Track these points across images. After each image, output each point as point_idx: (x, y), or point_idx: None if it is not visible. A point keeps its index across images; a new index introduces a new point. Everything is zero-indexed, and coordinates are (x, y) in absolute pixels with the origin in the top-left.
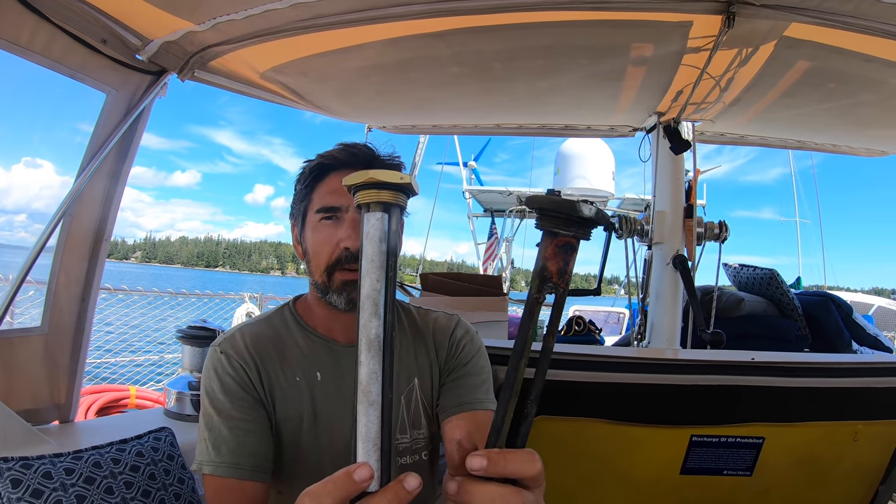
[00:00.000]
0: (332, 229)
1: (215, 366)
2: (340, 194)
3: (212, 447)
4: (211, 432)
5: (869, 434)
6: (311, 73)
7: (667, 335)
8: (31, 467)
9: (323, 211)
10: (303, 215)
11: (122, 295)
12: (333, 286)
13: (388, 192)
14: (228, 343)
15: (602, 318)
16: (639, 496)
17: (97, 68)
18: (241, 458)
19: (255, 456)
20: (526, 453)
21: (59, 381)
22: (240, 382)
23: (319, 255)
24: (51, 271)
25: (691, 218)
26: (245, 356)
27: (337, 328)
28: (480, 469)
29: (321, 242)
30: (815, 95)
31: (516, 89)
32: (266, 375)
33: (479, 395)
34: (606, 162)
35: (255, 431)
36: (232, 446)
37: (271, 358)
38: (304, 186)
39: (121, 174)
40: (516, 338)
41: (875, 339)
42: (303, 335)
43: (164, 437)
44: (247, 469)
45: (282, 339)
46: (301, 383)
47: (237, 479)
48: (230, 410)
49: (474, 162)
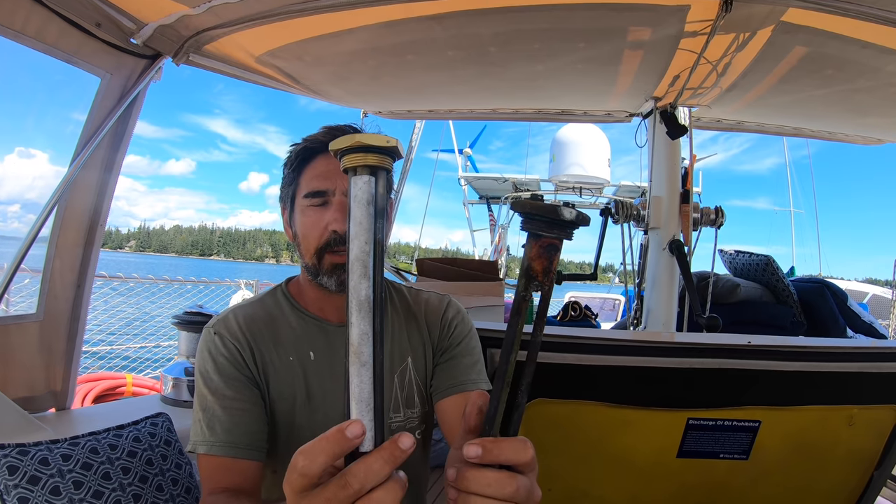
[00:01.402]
0: (320, 213)
1: (209, 346)
2: (327, 178)
3: (206, 427)
4: (205, 412)
5: (864, 419)
6: (307, 57)
7: (663, 320)
8: (27, 454)
9: (311, 196)
10: (291, 199)
11: (117, 283)
12: (324, 268)
13: (374, 155)
14: (222, 324)
15: (598, 304)
16: (636, 479)
17: (91, 52)
18: (235, 437)
19: (250, 434)
20: (518, 441)
21: (55, 369)
22: (233, 362)
23: (309, 239)
24: (46, 257)
25: (687, 203)
26: (238, 336)
27: (328, 308)
28: (476, 457)
29: (310, 226)
30: (812, 82)
31: (513, 73)
32: (259, 355)
33: (472, 375)
34: (602, 149)
35: (249, 410)
36: (226, 425)
37: (264, 338)
38: (291, 171)
39: (115, 159)
40: (506, 332)
41: (870, 327)
42: (296, 316)
43: (160, 423)
44: (241, 447)
45: (275, 319)
46: (294, 363)
47: (232, 457)
48: (224, 390)
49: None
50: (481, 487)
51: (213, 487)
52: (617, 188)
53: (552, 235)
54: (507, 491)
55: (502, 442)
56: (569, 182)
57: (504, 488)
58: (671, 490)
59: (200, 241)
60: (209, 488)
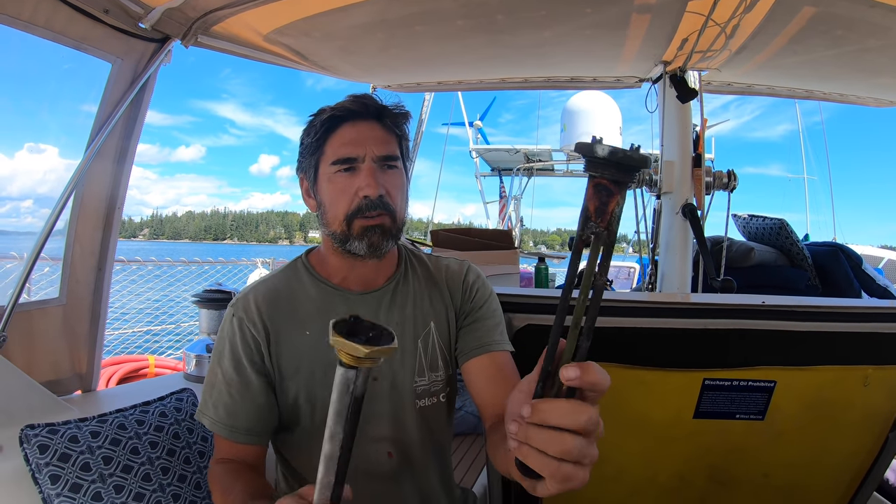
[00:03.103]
0: (349, 179)
1: (227, 329)
2: (356, 145)
3: (212, 404)
4: (213, 389)
5: (879, 379)
6: (314, 33)
7: (678, 283)
8: (57, 432)
9: (340, 162)
10: (315, 168)
11: (134, 266)
12: (354, 233)
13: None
14: (241, 306)
15: (613, 272)
16: (653, 441)
17: (100, 38)
18: (236, 422)
19: (250, 421)
20: (570, 405)
21: (80, 351)
22: (246, 350)
23: (337, 205)
24: (66, 242)
25: (700, 167)
26: (255, 320)
27: (352, 277)
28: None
29: (339, 192)
30: (822, 42)
31: (521, 41)
32: (275, 335)
33: (496, 336)
34: (613, 117)
35: (253, 400)
36: (230, 409)
37: (282, 315)
38: (314, 140)
39: (130, 142)
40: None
41: (885, 290)
42: (316, 286)
43: (185, 398)
44: (241, 433)
45: (294, 293)
46: (313, 337)
47: (231, 441)
48: (233, 375)
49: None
50: (558, 418)
51: (219, 457)
52: None
53: (598, 175)
54: (583, 418)
55: (591, 364)
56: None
57: (580, 415)
58: (688, 451)
59: (213, 226)
60: (216, 457)
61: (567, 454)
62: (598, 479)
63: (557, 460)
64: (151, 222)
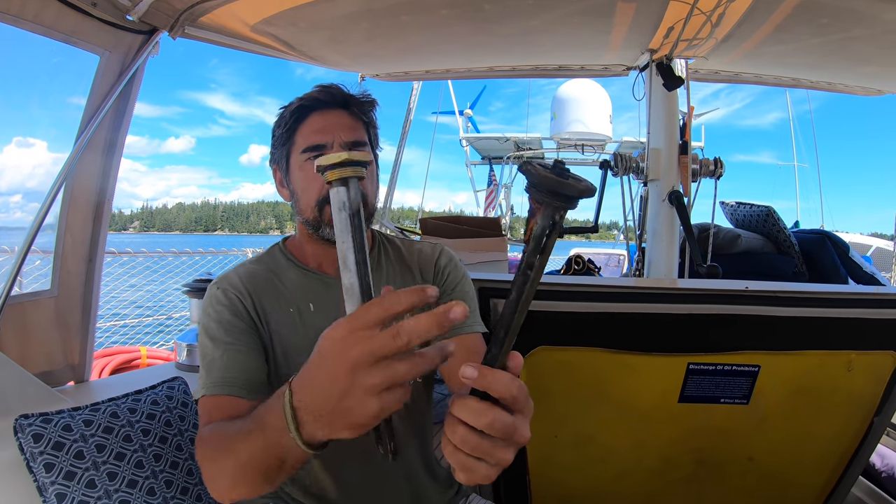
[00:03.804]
0: None
1: (211, 301)
2: (325, 132)
3: (205, 372)
4: (205, 360)
5: (863, 364)
6: (301, 23)
7: (664, 270)
8: (51, 421)
9: (309, 150)
10: (287, 158)
11: (126, 258)
12: (325, 219)
13: (338, 170)
14: (223, 279)
15: (603, 260)
16: (639, 424)
17: (89, 31)
18: (232, 375)
19: (247, 373)
20: (510, 376)
21: (72, 342)
22: (233, 311)
23: (309, 192)
24: (56, 234)
25: (686, 154)
26: (240, 287)
27: (327, 262)
28: (471, 377)
29: (309, 179)
30: (808, 30)
31: (508, 29)
32: (261, 305)
33: (468, 319)
34: (603, 105)
35: (247, 353)
36: (224, 365)
37: (266, 291)
38: (285, 130)
39: (119, 134)
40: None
41: (871, 278)
42: (295, 270)
43: (177, 386)
44: (237, 386)
45: (275, 274)
46: (294, 314)
47: (227, 395)
48: (223, 336)
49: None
50: (461, 413)
51: (207, 422)
52: (619, 144)
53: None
54: (483, 421)
55: (497, 372)
56: (570, 139)
57: (480, 418)
58: (674, 435)
59: (204, 217)
60: (201, 425)
61: (462, 445)
62: (585, 462)
63: (454, 448)
64: (142, 215)
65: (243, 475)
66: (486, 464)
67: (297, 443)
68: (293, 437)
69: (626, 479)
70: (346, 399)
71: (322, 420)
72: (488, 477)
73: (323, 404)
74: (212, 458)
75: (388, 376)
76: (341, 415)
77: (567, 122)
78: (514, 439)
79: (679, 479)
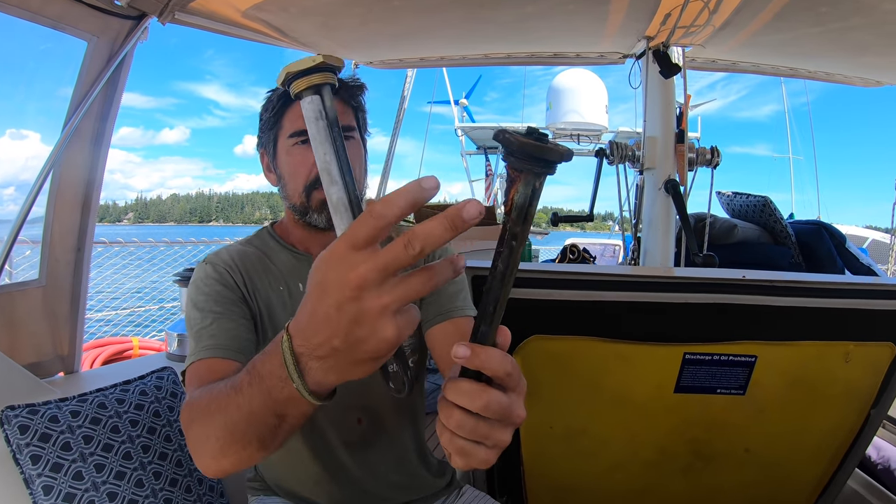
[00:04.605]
0: (306, 151)
1: (199, 276)
2: None
3: (194, 342)
4: (192, 330)
5: (860, 356)
6: (292, 8)
7: (660, 259)
8: (37, 413)
9: (296, 135)
10: (274, 142)
11: (118, 248)
12: (313, 205)
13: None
14: (214, 256)
15: (598, 250)
16: (635, 415)
17: (77, 17)
18: (221, 341)
19: (238, 339)
20: (502, 353)
21: (61, 333)
22: (224, 283)
23: (296, 177)
24: (44, 223)
25: (682, 143)
26: (230, 263)
27: (315, 247)
28: (464, 357)
29: (297, 164)
30: (806, 19)
31: (503, 16)
32: (251, 282)
33: (458, 302)
34: (599, 95)
35: (238, 321)
36: (213, 333)
37: (256, 269)
38: (272, 114)
39: (107, 121)
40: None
41: (868, 269)
42: (285, 252)
43: (166, 376)
44: (230, 349)
45: (265, 254)
46: (284, 292)
47: (220, 357)
48: (212, 306)
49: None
50: (455, 396)
51: (197, 386)
52: (615, 134)
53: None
54: (478, 403)
55: (490, 349)
56: (566, 129)
57: (475, 400)
58: (669, 426)
59: (199, 208)
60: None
61: (458, 430)
62: (580, 453)
63: (451, 433)
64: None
65: (233, 438)
66: (485, 447)
67: (302, 393)
68: (297, 387)
69: (621, 470)
70: (357, 328)
71: (330, 360)
72: (487, 461)
73: (328, 340)
74: (198, 420)
75: (402, 292)
76: (353, 348)
77: (563, 111)
78: (510, 419)
79: (675, 471)
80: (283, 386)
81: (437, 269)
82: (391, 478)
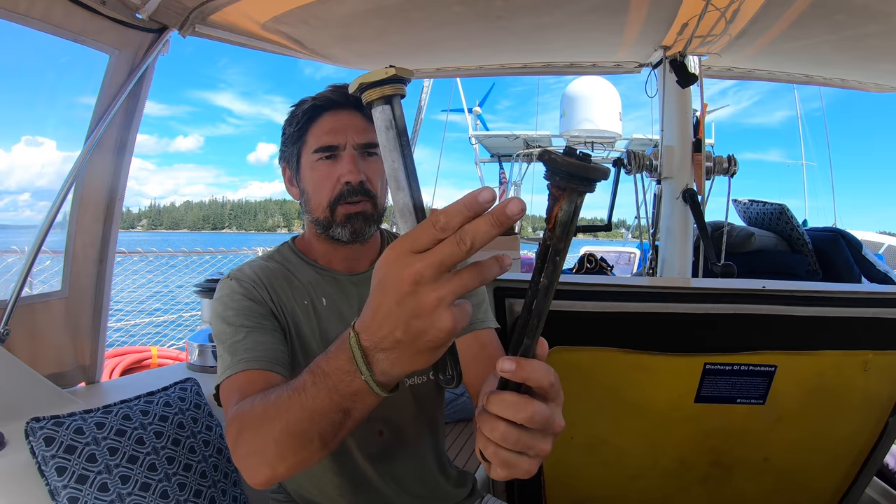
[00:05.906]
0: (331, 167)
1: (225, 291)
2: (337, 133)
3: (228, 355)
4: (223, 345)
5: (880, 364)
6: (312, 21)
7: (678, 268)
8: (62, 424)
9: (321, 151)
10: (297, 157)
11: (136, 258)
12: (337, 220)
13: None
14: (237, 272)
15: (614, 258)
16: (655, 425)
17: (98, 30)
18: (258, 354)
19: (274, 351)
20: (545, 365)
21: (83, 343)
22: (251, 297)
23: (321, 192)
24: (67, 235)
25: (700, 152)
26: (255, 279)
27: (336, 261)
28: (510, 371)
29: (322, 180)
30: (822, 27)
31: (520, 27)
32: (276, 296)
33: (479, 314)
34: (613, 103)
35: (270, 333)
36: (247, 346)
37: (280, 283)
38: (296, 129)
39: (129, 133)
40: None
41: (885, 276)
42: (307, 267)
43: (189, 387)
44: (267, 361)
45: (287, 269)
46: (309, 307)
47: (256, 369)
48: (242, 320)
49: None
50: (500, 409)
51: (239, 399)
52: (629, 142)
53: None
54: (523, 415)
55: (534, 362)
56: (580, 137)
57: (520, 412)
58: (689, 435)
59: (212, 216)
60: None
61: (503, 441)
62: (600, 462)
63: (495, 445)
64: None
65: (294, 439)
66: (528, 457)
67: (371, 385)
68: (365, 380)
69: (641, 480)
70: (415, 320)
71: (394, 352)
72: (530, 471)
73: (391, 333)
74: (251, 427)
75: (456, 286)
76: (414, 339)
77: (577, 119)
78: (552, 429)
79: (694, 481)
80: (352, 380)
81: (486, 265)
82: (413, 488)
